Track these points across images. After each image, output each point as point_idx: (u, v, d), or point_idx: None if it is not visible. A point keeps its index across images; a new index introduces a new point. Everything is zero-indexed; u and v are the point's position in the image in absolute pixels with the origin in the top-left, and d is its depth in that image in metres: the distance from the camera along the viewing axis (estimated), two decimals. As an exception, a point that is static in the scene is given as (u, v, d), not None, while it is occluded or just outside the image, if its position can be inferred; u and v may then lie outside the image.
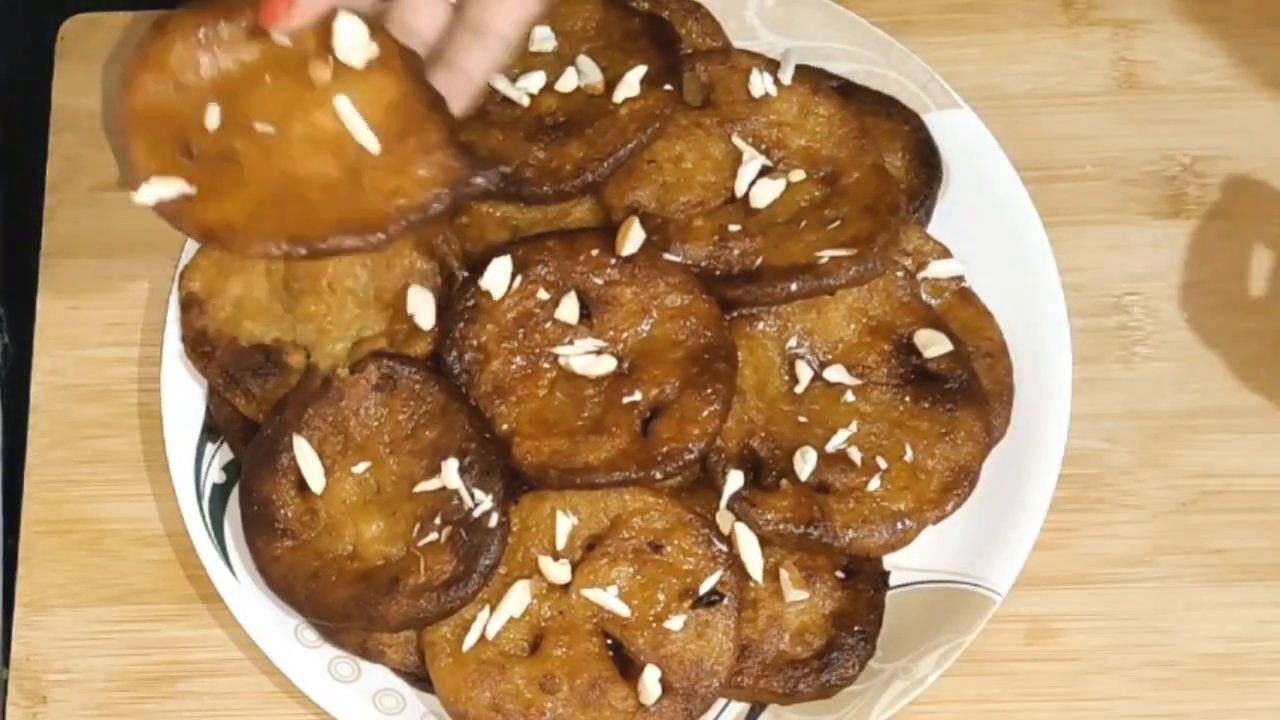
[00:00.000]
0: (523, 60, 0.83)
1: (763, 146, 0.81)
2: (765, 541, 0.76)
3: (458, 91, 0.72)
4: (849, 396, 0.78)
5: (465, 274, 0.79)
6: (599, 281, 0.78)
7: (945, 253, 0.82)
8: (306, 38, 0.70)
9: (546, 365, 0.77)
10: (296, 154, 0.69)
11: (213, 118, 0.70)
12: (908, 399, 0.78)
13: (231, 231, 0.68)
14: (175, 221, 0.69)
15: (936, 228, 0.83)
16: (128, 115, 0.70)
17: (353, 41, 0.70)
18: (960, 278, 0.82)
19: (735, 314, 0.79)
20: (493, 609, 0.75)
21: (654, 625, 0.75)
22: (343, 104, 0.70)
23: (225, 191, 0.69)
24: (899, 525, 0.76)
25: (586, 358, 0.77)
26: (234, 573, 0.78)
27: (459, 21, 0.72)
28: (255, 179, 0.69)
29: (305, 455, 0.76)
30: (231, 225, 0.68)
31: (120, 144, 0.70)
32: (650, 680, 0.74)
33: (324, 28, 0.70)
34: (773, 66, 0.82)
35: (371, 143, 0.70)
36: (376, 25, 0.71)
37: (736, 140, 0.81)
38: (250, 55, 0.71)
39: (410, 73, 0.70)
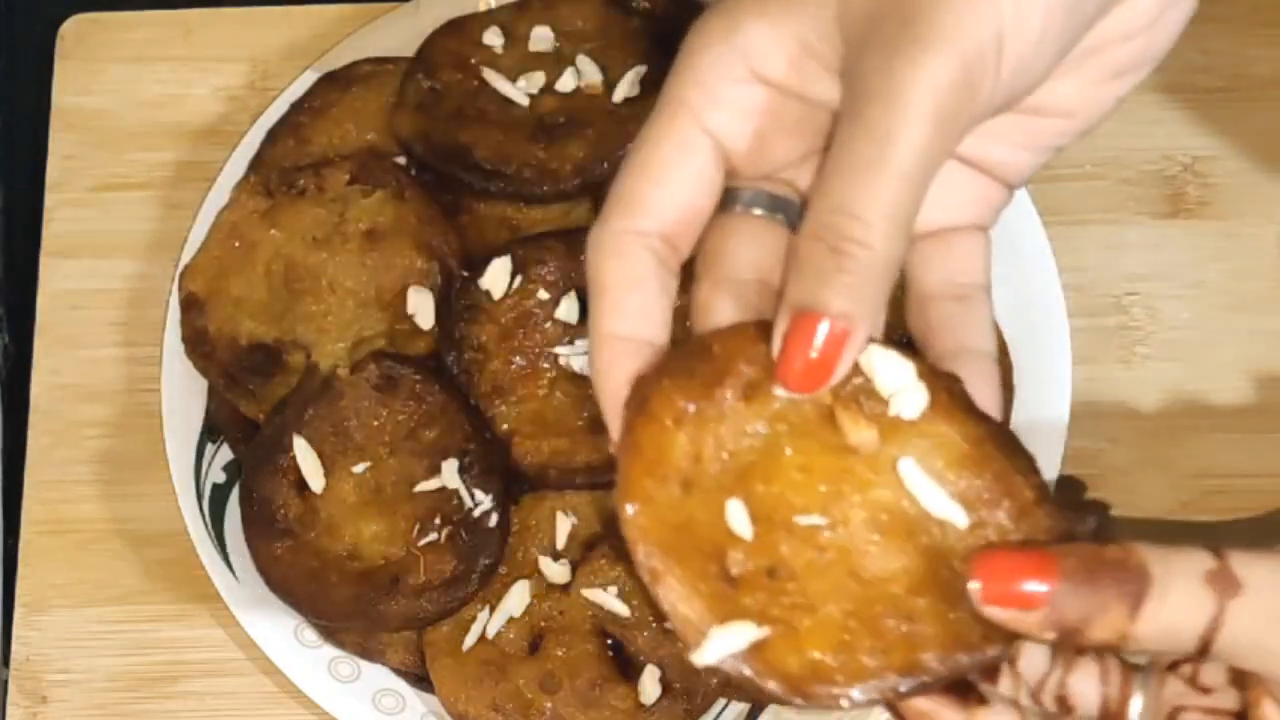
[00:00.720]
0: (523, 60, 0.83)
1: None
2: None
3: (985, 393, 0.53)
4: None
5: (465, 274, 0.79)
6: (599, 281, 0.78)
7: (945, 253, 0.82)
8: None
9: (546, 365, 0.77)
10: (862, 548, 0.51)
11: (739, 519, 0.51)
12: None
13: (826, 676, 0.49)
14: (747, 679, 0.49)
15: (936, 228, 0.83)
16: (639, 535, 0.50)
17: (901, 384, 0.51)
18: (960, 278, 0.82)
19: (735, 314, 0.79)
20: (493, 609, 0.75)
21: (654, 625, 0.75)
22: (908, 470, 0.51)
23: (796, 621, 0.50)
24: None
25: (586, 358, 0.77)
26: (234, 573, 0.78)
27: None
28: (822, 594, 0.50)
29: (305, 455, 0.76)
30: (822, 667, 0.49)
31: (646, 578, 0.50)
32: (650, 680, 0.74)
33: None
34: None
35: (958, 516, 0.51)
36: (911, 352, 0.52)
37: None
38: (757, 423, 0.52)
39: (971, 410, 0.52)
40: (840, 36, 0.50)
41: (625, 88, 0.80)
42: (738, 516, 0.51)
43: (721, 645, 0.49)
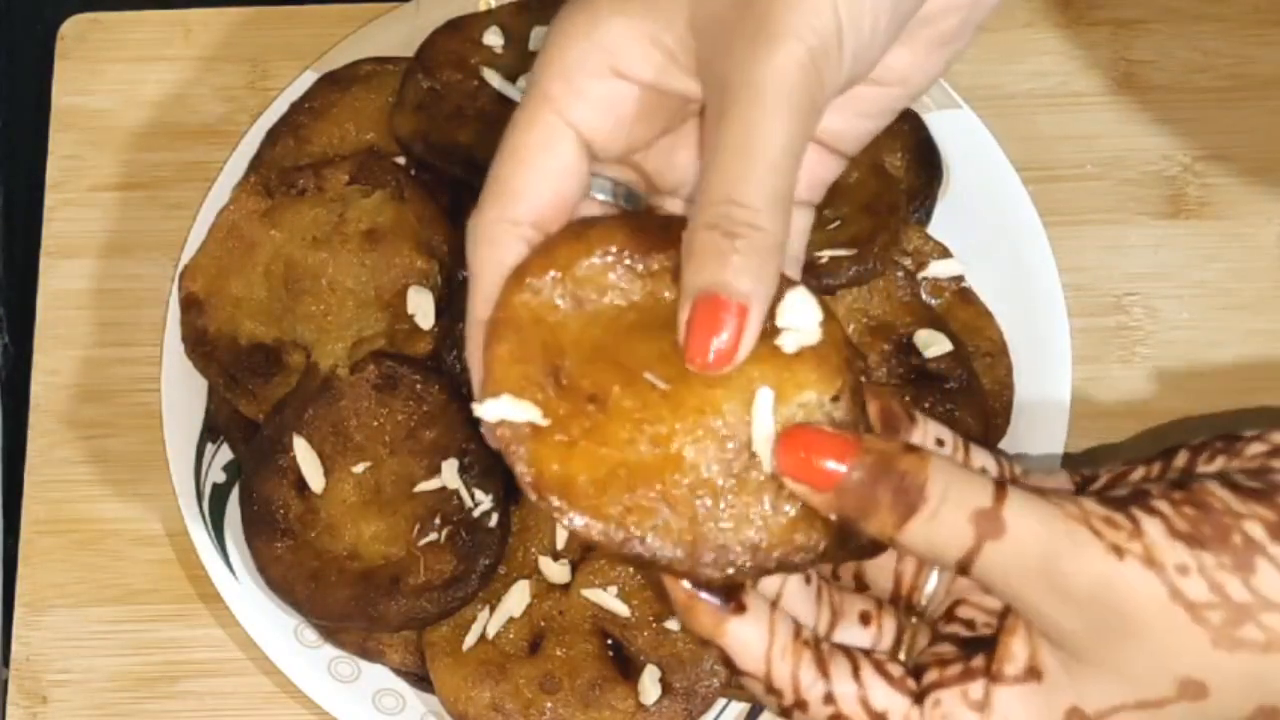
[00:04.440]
0: (523, 60, 0.83)
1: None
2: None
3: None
4: (849, 396, 0.78)
5: (465, 274, 0.79)
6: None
7: (945, 253, 0.82)
8: None
9: (546, 365, 0.77)
10: (678, 430, 0.54)
11: (588, 341, 0.55)
12: (907, 399, 0.78)
13: (569, 493, 0.53)
14: (508, 454, 0.54)
15: (936, 228, 0.83)
16: (505, 311, 0.55)
17: (802, 321, 0.55)
18: (960, 278, 0.82)
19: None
20: (493, 609, 0.75)
21: (654, 625, 0.75)
22: (764, 400, 0.54)
23: (578, 441, 0.54)
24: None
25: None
26: (234, 573, 0.78)
27: None
28: (618, 440, 0.54)
29: (305, 455, 0.76)
30: (571, 486, 0.54)
31: (485, 339, 0.55)
32: (650, 680, 0.74)
33: None
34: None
35: (767, 461, 0.54)
36: (830, 312, 0.56)
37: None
38: (662, 296, 0.56)
39: (852, 385, 0.55)
40: (694, 37, 0.53)
41: (625, 88, 0.80)
42: (588, 338, 0.55)
43: (504, 408, 0.54)
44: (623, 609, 0.75)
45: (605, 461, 0.54)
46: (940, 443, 0.56)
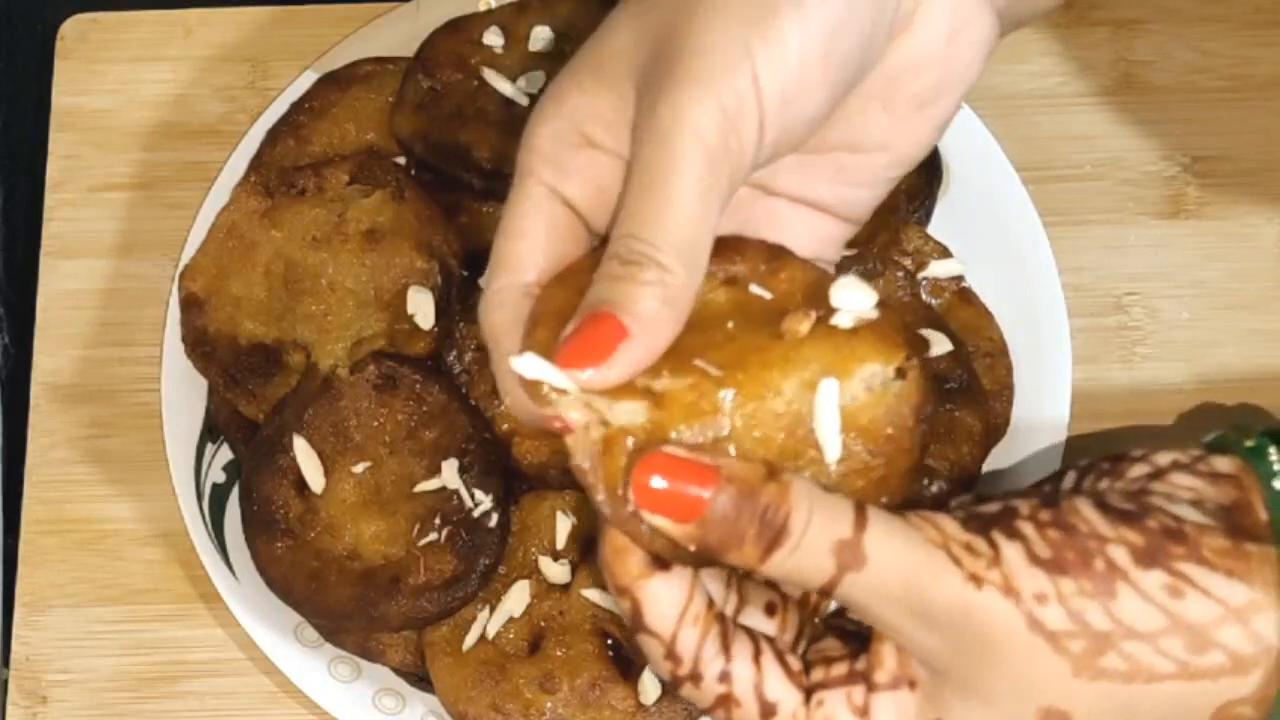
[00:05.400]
0: (523, 60, 0.83)
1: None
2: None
3: None
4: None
5: (465, 274, 0.79)
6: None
7: (945, 253, 0.82)
8: (792, 295, 0.54)
9: (546, 365, 0.77)
10: (740, 417, 0.52)
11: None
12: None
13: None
14: (529, 412, 0.53)
15: (936, 228, 0.83)
16: (547, 304, 0.54)
17: (856, 301, 0.53)
18: (960, 278, 0.82)
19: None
20: (493, 609, 0.75)
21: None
22: (828, 391, 0.52)
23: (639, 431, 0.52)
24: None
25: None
26: (234, 573, 0.78)
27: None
28: (675, 425, 0.52)
29: (305, 455, 0.76)
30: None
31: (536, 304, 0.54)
32: (650, 680, 0.74)
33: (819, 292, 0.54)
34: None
35: (833, 450, 0.53)
36: (884, 300, 0.54)
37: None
38: (709, 298, 0.54)
39: (918, 363, 0.54)
40: (635, 95, 0.54)
41: (625, 88, 0.80)
42: None
43: (539, 368, 0.51)
44: (623, 609, 0.75)
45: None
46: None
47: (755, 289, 0.54)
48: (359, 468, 0.76)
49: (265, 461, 0.77)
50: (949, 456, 0.77)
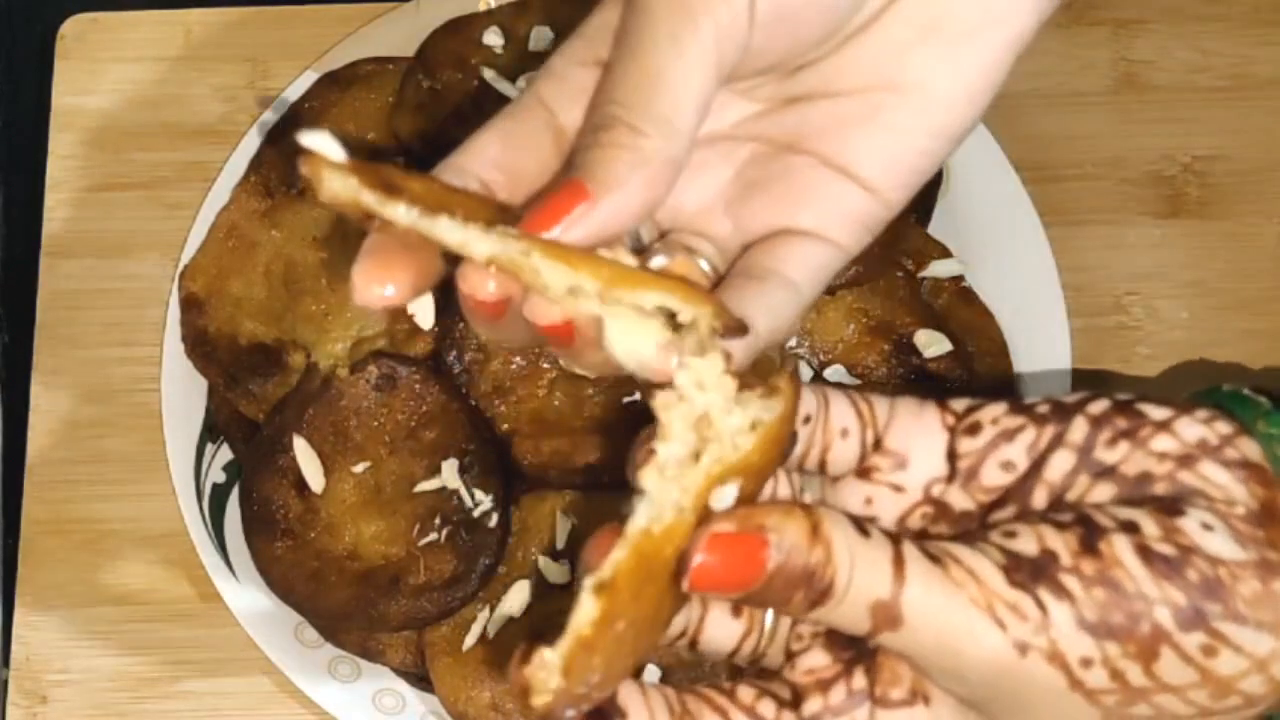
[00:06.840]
0: (522, 60, 0.83)
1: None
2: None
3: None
4: (849, 396, 0.78)
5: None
6: (599, 281, 0.78)
7: (945, 253, 0.82)
8: None
9: (546, 365, 0.77)
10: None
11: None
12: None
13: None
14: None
15: (936, 228, 0.83)
16: None
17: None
18: (960, 278, 0.82)
19: (735, 314, 0.79)
20: (493, 609, 0.75)
21: (654, 625, 0.75)
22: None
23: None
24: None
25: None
26: (234, 573, 0.78)
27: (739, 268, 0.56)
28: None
29: (305, 455, 0.76)
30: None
31: None
32: (650, 680, 0.74)
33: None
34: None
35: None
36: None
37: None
38: None
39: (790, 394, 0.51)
40: None
41: (625, 88, 0.80)
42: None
43: (322, 142, 0.51)
44: (623, 609, 0.75)
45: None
46: (845, 433, 0.54)
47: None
48: (359, 468, 0.76)
49: (265, 461, 0.77)
50: (949, 456, 0.77)
